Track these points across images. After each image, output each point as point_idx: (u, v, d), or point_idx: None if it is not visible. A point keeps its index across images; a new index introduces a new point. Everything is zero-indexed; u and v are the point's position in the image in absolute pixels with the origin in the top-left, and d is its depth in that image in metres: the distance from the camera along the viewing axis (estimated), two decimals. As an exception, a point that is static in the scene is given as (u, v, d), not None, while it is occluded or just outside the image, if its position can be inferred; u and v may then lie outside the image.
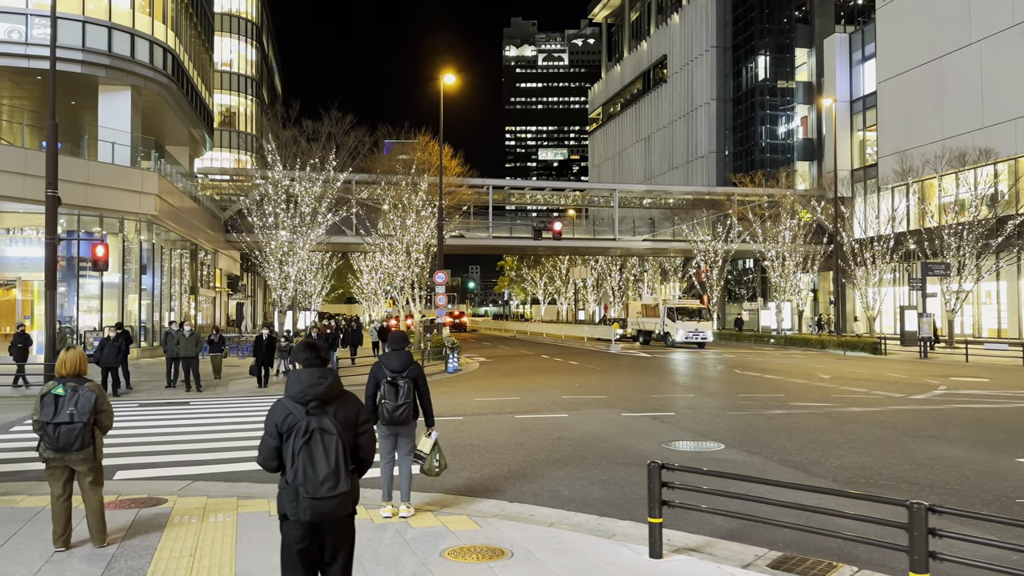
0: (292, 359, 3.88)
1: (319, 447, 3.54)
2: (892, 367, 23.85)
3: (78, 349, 5.88)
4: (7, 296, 25.43)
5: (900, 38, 43.21)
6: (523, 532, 6.37)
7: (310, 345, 3.85)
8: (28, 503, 7.31)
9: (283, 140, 29.08)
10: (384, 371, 6.87)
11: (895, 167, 39.41)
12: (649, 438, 10.90)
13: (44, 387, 5.74)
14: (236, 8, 56.97)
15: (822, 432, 11.35)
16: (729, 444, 10.40)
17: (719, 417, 12.92)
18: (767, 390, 17.01)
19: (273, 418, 3.65)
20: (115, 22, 26.99)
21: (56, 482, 5.76)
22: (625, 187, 56.88)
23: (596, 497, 7.69)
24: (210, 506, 7.23)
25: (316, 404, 3.62)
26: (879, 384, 18.29)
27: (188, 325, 17.68)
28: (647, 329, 38.58)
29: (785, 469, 8.90)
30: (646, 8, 78.91)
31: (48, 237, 17.03)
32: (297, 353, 3.84)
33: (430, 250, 35.37)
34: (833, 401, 14.98)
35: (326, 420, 3.61)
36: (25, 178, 21.69)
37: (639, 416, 13.11)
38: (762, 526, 6.51)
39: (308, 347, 3.83)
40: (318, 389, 3.64)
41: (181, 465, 9.41)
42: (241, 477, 8.71)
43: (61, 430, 5.57)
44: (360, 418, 3.78)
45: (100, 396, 5.75)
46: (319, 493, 3.50)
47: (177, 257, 32.21)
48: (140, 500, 7.42)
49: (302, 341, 3.93)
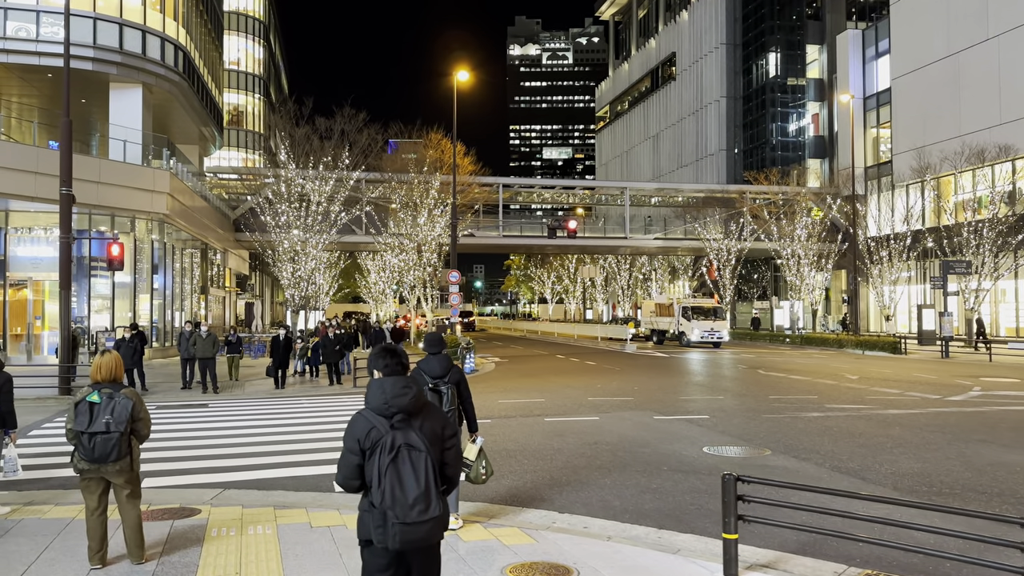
0: (371, 366, 3.51)
1: (407, 465, 3.18)
2: (917, 367, 23.43)
3: (114, 353, 5.53)
4: (18, 296, 25.14)
5: (915, 33, 42.72)
6: (582, 547, 6.00)
7: (390, 350, 3.49)
8: (56, 514, 6.96)
9: (297, 138, 28.73)
10: (424, 377, 6.50)
11: (912, 164, 38.95)
12: (689, 443, 10.52)
13: (78, 393, 5.39)
14: (244, 6, 56.68)
15: (867, 436, 10.96)
16: (775, 449, 10.01)
17: (755, 420, 12.54)
18: (797, 392, 16.61)
19: (354, 432, 3.29)
20: (126, 19, 26.70)
21: (91, 495, 5.40)
22: (636, 185, 56.47)
23: (649, 507, 7.32)
24: (247, 517, 6.88)
25: (402, 417, 3.26)
26: (910, 385, 17.88)
27: (204, 325, 17.31)
28: (661, 328, 38.16)
29: (840, 476, 8.52)
30: (654, 5, 78.45)
31: (63, 236, 16.74)
32: (376, 360, 3.47)
33: (442, 249, 35.04)
34: (868, 403, 14.58)
35: (413, 435, 3.24)
36: (37, 176, 21.39)
37: (672, 419, 12.73)
38: (833, 539, 6.15)
39: (388, 352, 3.47)
40: (403, 400, 3.28)
41: (209, 472, 9.07)
42: (274, 484, 8.37)
43: (97, 440, 5.21)
44: (446, 432, 3.42)
45: (137, 403, 5.40)
46: (409, 518, 3.13)
47: (188, 256, 31.91)
48: (173, 511, 7.08)
49: (380, 346, 3.56)
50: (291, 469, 9.09)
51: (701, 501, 7.51)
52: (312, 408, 14.80)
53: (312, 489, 8.18)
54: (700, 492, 7.82)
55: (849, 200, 39.93)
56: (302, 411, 14.35)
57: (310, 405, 15.29)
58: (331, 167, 29.43)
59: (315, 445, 10.59)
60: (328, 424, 12.58)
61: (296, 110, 29.20)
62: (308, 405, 15.29)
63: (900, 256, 36.47)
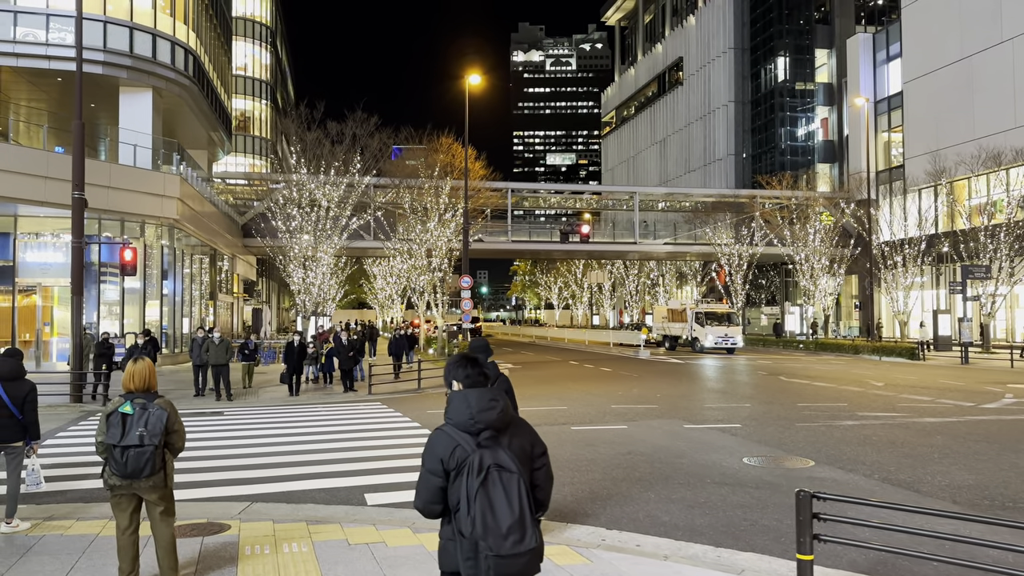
0: (449, 377, 3.17)
1: (498, 489, 2.82)
2: (940, 373, 23.01)
3: (147, 360, 5.19)
4: (27, 302, 24.84)
5: (927, 37, 42.39)
6: (640, 567, 5.64)
7: (470, 359, 3.15)
8: (79, 529, 6.62)
9: (308, 142, 28.45)
10: (471, 385, 6.17)
11: (927, 168, 38.57)
12: (727, 453, 10.16)
13: (110, 404, 5.05)
14: (251, 12, 56.57)
15: (911, 446, 10.58)
16: (817, 460, 9.64)
17: (790, 430, 12.16)
18: (825, 399, 16.22)
19: (436, 451, 2.94)
20: (137, 22, 26.47)
21: (122, 512, 5.06)
22: (646, 190, 56.14)
23: (701, 523, 6.95)
24: (279, 533, 6.54)
25: (490, 434, 2.91)
26: (939, 392, 17.48)
27: (218, 332, 16.96)
28: (673, 334, 37.76)
29: (892, 488, 8.15)
30: (660, 10, 78.28)
31: (75, 240, 16.43)
32: (456, 369, 3.13)
33: (452, 254, 34.73)
34: (902, 411, 14.19)
35: (502, 454, 2.89)
36: (47, 181, 21.11)
37: (704, 428, 12.36)
38: (904, 559, 5.80)
39: (468, 361, 3.13)
40: (491, 415, 2.94)
41: (231, 483, 8.73)
42: (303, 497, 8.02)
43: (130, 454, 4.87)
44: (536, 450, 3.07)
45: (172, 414, 5.06)
46: (503, 549, 2.77)
47: (197, 262, 31.62)
48: (201, 526, 6.73)
49: (459, 355, 3.21)
50: (319, 481, 8.74)
51: (753, 516, 7.15)
52: (330, 416, 14.46)
53: (343, 502, 7.84)
54: (750, 507, 7.46)
55: (862, 204, 39.57)
56: (320, 419, 14.01)
57: (327, 413, 14.95)
58: (342, 172, 29.16)
59: (341, 455, 10.24)
60: (350, 432, 12.24)
61: (308, 114, 28.91)
62: (325, 413, 14.95)
63: (914, 261, 36.06)
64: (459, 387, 3.12)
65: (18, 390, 6.46)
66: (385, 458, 10.02)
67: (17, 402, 6.43)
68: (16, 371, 6.52)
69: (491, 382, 6.16)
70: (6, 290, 24.28)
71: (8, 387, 6.43)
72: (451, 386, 3.18)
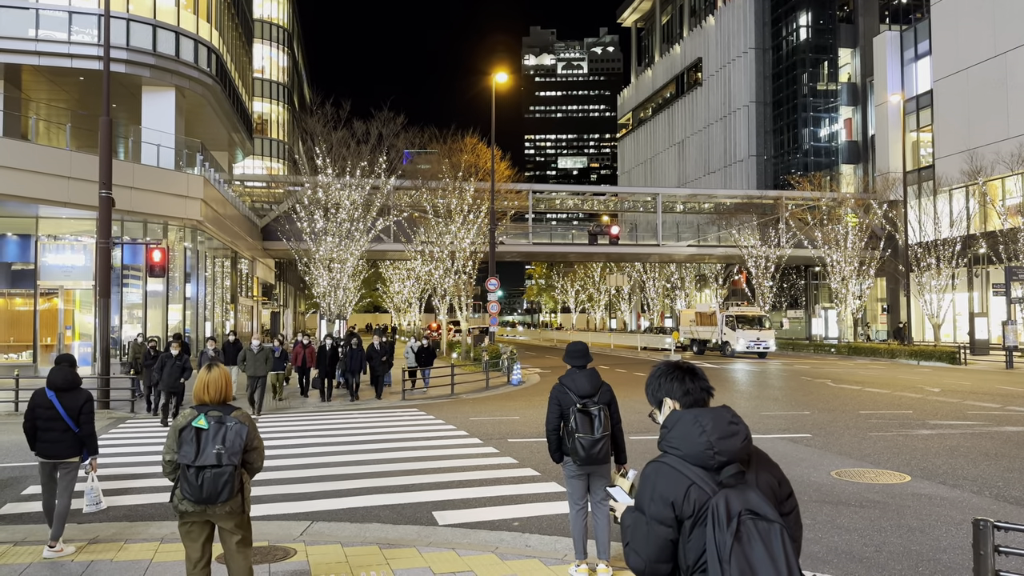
0: (659, 393, 2.49)
1: (756, 545, 2.09)
2: (990, 378, 22.14)
3: (223, 368, 4.54)
4: (49, 305, 24.37)
5: (958, 34, 41.45)
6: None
7: (688, 369, 2.47)
8: (130, 554, 5.97)
9: (333, 142, 27.87)
10: (570, 396, 5.46)
11: (962, 167, 37.62)
12: (809, 466, 9.42)
13: (181, 416, 4.40)
14: (269, 14, 56.25)
15: (1009, 458, 9.81)
16: (912, 474, 8.90)
17: (864, 439, 11.40)
18: (886, 406, 15.43)
19: (662, 492, 2.22)
20: (160, 20, 25.99)
21: (193, 542, 4.40)
22: (669, 191, 55.29)
23: (816, 549, 6.23)
24: (352, 559, 5.87)
25: (735, 469, 2.22)
26: (1003, 398, 16.65)
27: (257, 339, 16.11)
28: (703, 338, 36.93)
29: (1010, 507, 7.41)
30: (677, 11, 77.49)
31: (102, 241, 15.89)
32: (668, 382, 2.45)
33: (475, 256, 34.12)
34: (975, 419, 13.39)
35: (752, 496, 2.19)
36: (70, 181, 20.60)
37: (772, 438, 11.62)
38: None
39: (687, 372, 2.44)
40: (734, 442, 2.25)
41: (284, 499, 8.07)
42: (366, 515, 7.36)
43: (206, 475, 4.20)
44: (784, 488, 2.39)
45: (252, 429, 4.40)
46: None
47: (218, 265, 31.11)
48: (263, 550, 6.08)
49: (672, 363, 2.52)
50: (379, 496, 8.07)
51: (879, 539, 6.42)
52: (371, 423, 13.80)
53: (411, 521, 7.18)
54: (863, 531, 6.73)
55: (893, 205, 38.70)
56: (362, 427, 13.36)
57: (367, 420, 14.30)
58: (367, 173, 28.58)
59: (395, 467, 9.57)
60: (398, 442, 11.56)
61: (333, 113, 28.35)
62: (364, 420, 14.30)
63: (948, 262, 35.12)
64: (674, 406, 2.44)
65: (74, 401, 5.84)
66: (443, 470, 9.35)
67: (73, 414, 5.80)
68: (71, 381, 5.89)
69: (594, 392, 5.53)
70: (28, 293, 23.81)
71: (63, 398, 5.81)
72: (659, 405, 2.50)
